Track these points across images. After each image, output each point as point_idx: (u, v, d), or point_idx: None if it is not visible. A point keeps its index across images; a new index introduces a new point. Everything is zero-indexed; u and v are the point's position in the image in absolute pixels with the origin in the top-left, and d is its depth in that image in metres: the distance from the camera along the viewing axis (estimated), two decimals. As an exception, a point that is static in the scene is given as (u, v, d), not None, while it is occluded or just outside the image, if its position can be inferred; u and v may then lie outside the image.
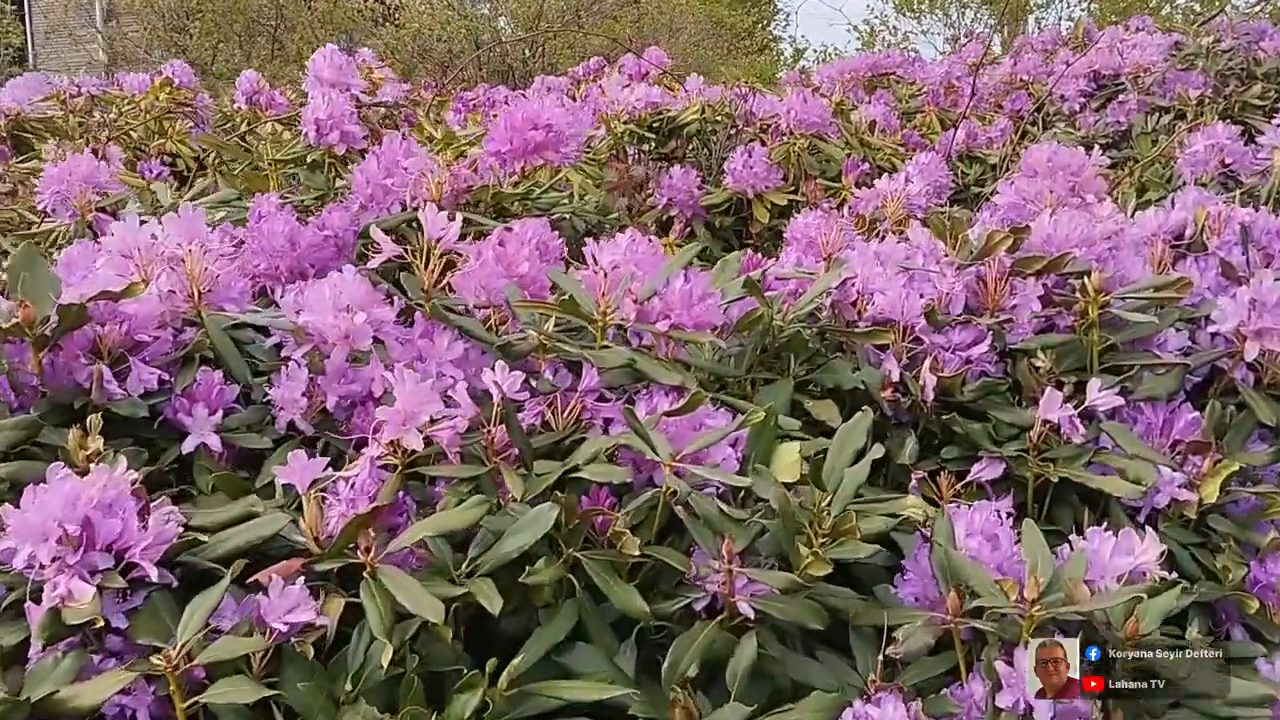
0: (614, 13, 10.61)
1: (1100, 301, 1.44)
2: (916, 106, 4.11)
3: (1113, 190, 2.14)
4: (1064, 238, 1.55)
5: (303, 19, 9.64)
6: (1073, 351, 1.48)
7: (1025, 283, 1.52)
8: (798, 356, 1.49)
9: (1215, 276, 1.58)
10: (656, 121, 3.08)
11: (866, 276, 1.53)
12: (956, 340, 1.49)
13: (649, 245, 1.55)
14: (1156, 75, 3.18)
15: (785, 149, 2.86)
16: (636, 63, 5.11)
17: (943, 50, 7.06)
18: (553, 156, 2.02)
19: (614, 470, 1.10)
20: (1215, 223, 1.83)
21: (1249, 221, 1.80)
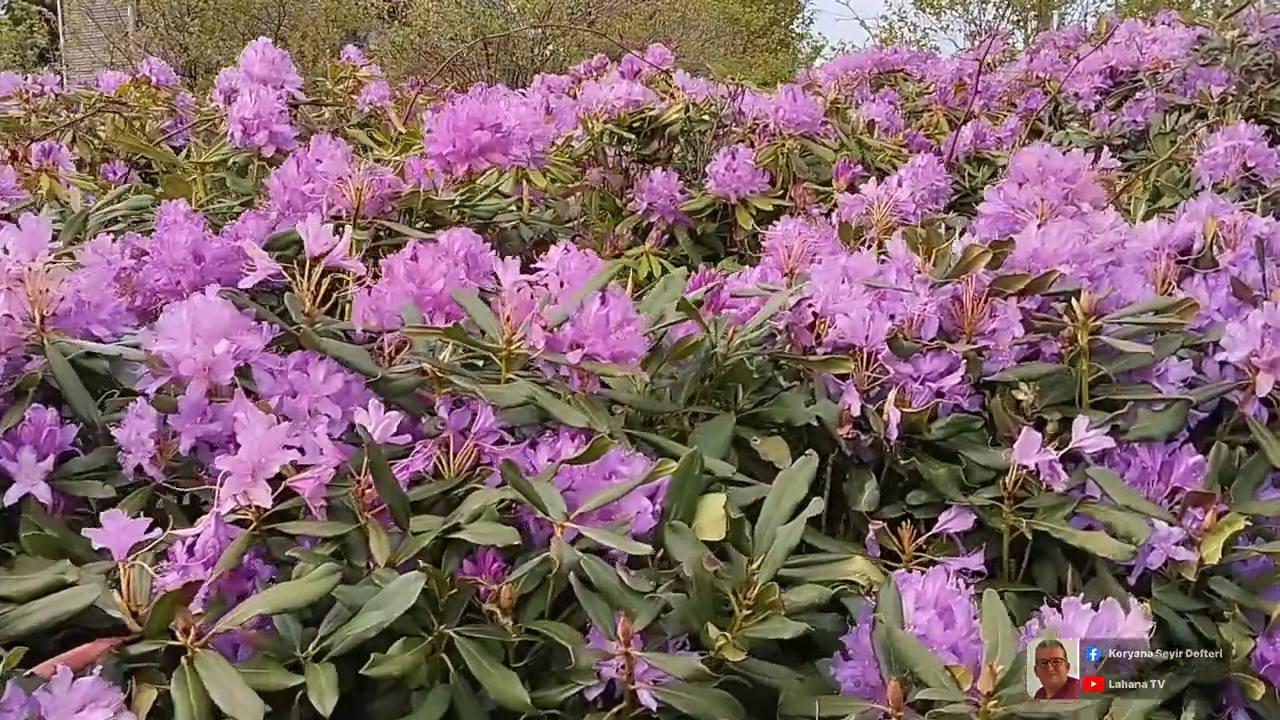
0: (627, 9, 10.47)
1: (1091, 326, 1.27)
2: (924, 105, 3.93)
3: (1120, 195, 1.96)
4: (1052, 253, 1.39)
5: (306, 16, 9.56)
6: (1060, 383, 1.32)
7: (1006, 304, 1.35)
8: (746, 388, 1.34)
9: (1226, 296, 1.41)
10: (637, 121, 2.93)
11: (827, 295, 1.37)
12: (927, 369, 1.33)
13: (581, 260, 1.40)
14: (1176, 71, 2.99)
15: (773, 150, 2.70)
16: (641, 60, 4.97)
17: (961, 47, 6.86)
18: (500, 159, 1.87)
19: (499, 531, 0.94)
20: (1229, 234, 1.66)
21: (1268, 233, 1.63)
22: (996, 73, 4.61)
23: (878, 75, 4.27)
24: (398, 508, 0.97)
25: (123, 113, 2.77)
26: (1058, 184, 1.53)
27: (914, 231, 1.47)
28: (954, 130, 3.64)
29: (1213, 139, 2.29)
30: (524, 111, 2.43)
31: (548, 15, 9.24)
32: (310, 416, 1.07)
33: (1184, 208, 1.80)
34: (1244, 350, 1.24)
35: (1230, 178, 2.25)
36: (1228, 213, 1.73)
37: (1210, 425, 1.35)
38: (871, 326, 1.35)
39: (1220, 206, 1.76)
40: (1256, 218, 1.67)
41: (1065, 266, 1.37)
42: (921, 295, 1.39)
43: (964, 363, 1.31)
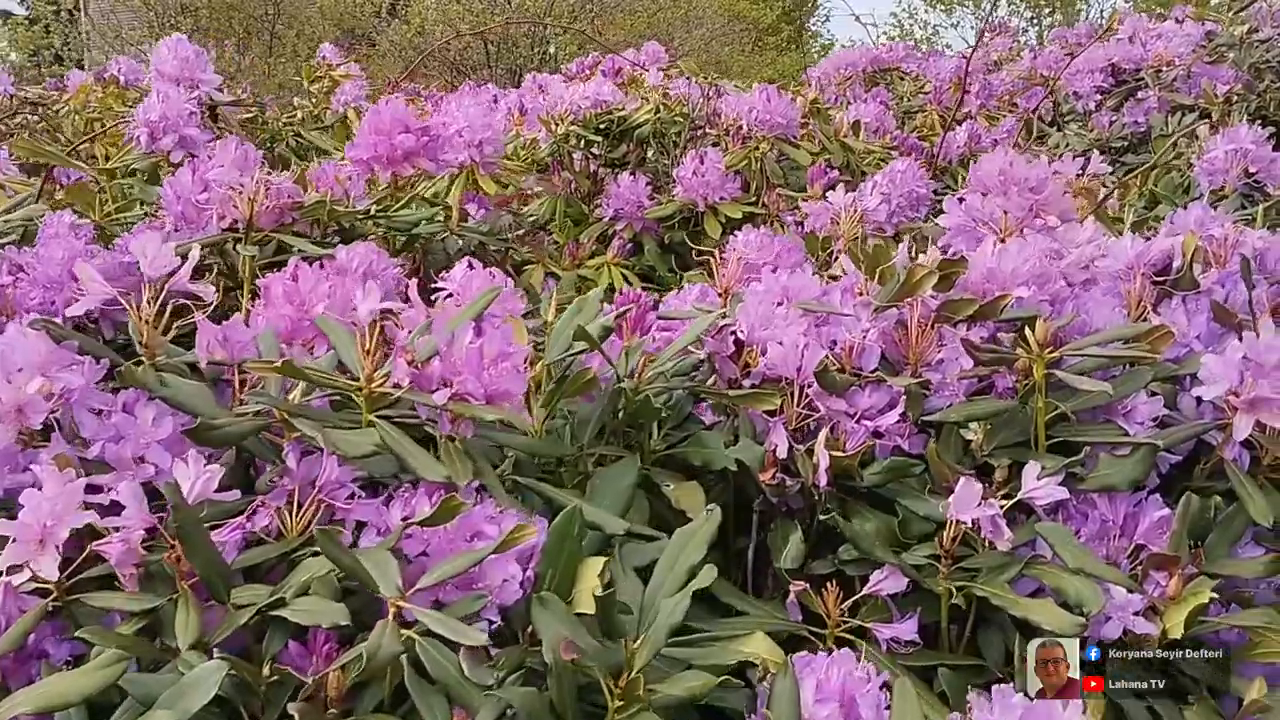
0: (630, 7, 10.33)
1: (1047, 358, 1.13)
2: (919, 105, 3.79)
3: (1102, 205, 1.82)
4: (1010, 273, 1.25)
5: (301, 14, 9.47)
6: (1012, 422, 1.18)
7: (956, 332, 1.22)
8: (662, 425, 1.21)
9: (1207, 322, 1.27)
10: (604, 123, 2.80)
11: (754, 320, 1.24)
12: (865, 405, 1.19)
13: (486, 279, 1.28)
14: (1180, 69, 2.84)
15: (745, 154, 2.56)
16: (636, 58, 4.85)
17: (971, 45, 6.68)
18: (428, 165, 1.75)
19: (327, 609, 0.82)
20: (1219, 250, 1.52)
21: (1261, 249, 1.49)
22: (1000, 71, 4.46)
23: (873, 74, 4.13)
24: (214, 577, 0.84)
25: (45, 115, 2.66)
26: (1021, 195, 1.39)
27: (857, 247, 1.33)
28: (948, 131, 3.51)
29: (1212, 143, 2.14)
30: (473, 113, 2.30)
31: (548, 14, 9.12)
32: (137, 465, 0.94)
33: (1171, 219, 1.66)
34: (1221, 386, 1.10)
35: (1231, 184, 2.10)
36: (1218, 225, 1.59)
37: (1187, 467, 1.21)
38: (805, 356, 1.21)
39: (1211, 218, 1.62)
40: (1249, 231, 1.53)
41: (1024, 289, 1.23)
42: (862, 320, 1.26)
43: (904, 398, 1.17)
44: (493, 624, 0.89)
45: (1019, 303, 1.23)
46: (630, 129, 2.80)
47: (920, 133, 3.65)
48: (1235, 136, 2.12)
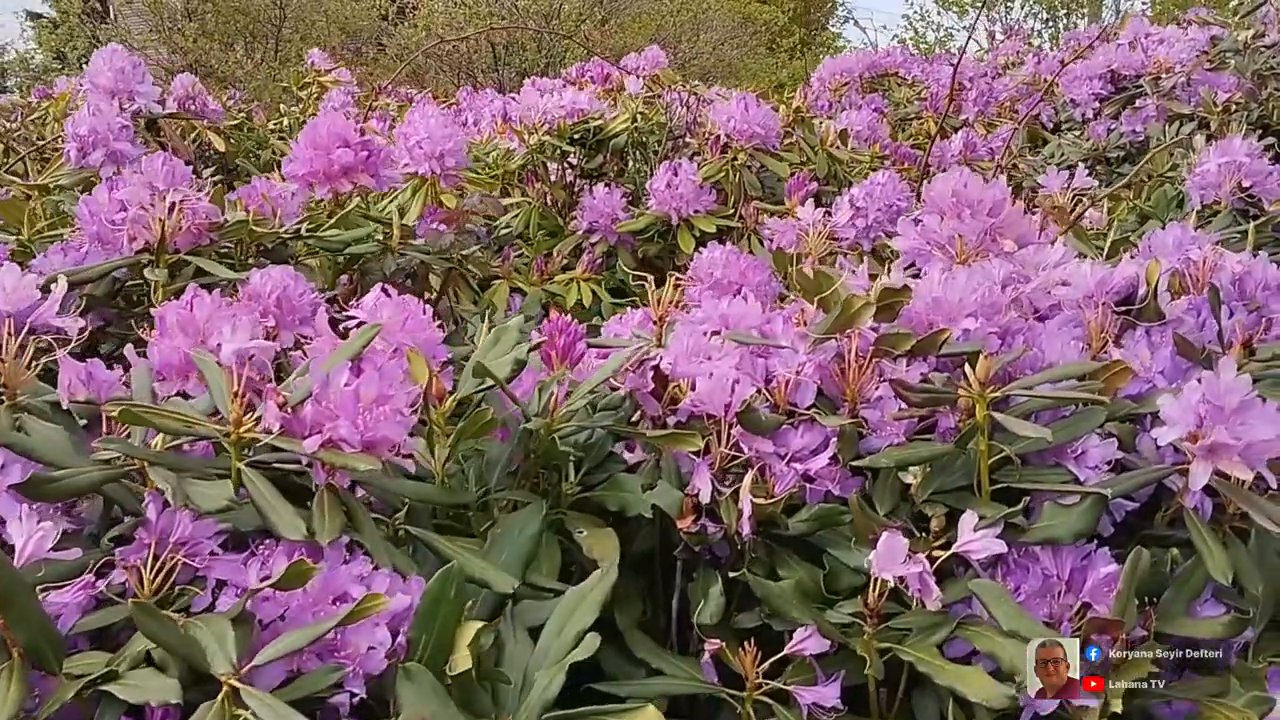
0: (637, 11, 10.27)
1: (989, 397, 1.05)
2: (915, 112, 3.71)
3: (1068, 222, 1.73)
4: (956, 303, 1.17)
5: (307, 19, 9.46)
6: (957, 466, 1.10)
7: (895, 368, 1.14)
8: (580, 467, 1.14)
9: (1171, 356, 1.19)
10: (580, 132, 2.73)
11: (678, 353, 1.16)
12: (797, 446, 1.12)
13: (398, 307, 1.21)
14: (1179, 76, 2.74)
15: (721, 164, 2.49)
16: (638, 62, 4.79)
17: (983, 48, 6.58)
18: (368, 181, 1.68)
19: (155, 685, 0.75)
20: (1197, 273, 1.44)
21: (1241, 272, 1.40)
22: (1004, 76, 4.37)
23: (871, 79, 4.04)
24: (42, 646, 0.77)
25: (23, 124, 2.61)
26: (977, 217, 1.31)
27: (804, 273, 1.26)
28: (942, 139, 3.43)
29: (1204, 155, 2.05)
30: (433, 124, 2.25)
31: (549, 19, 9.06)
32: (-18, 517, 0.88)
33: (1148, 240, 1.58)
34: (1177, 430, 1.02)
35: (1224, 199, 2.01)
36: (1198, 247, 1.51)
37: (1148, 513, 1.13)
38: (736, 392, 1.14)
39: (1191, 239, 1.54)
40: (1228, 254, 1.44)
41: (970, 320, 1.15)
42: (799, 353, 1.18)
43: (836, 439, 1.09)
44: (355, 696, 0.82)
45: (965, 335, 1.16)
46: (606, 139, 2.73)
47: (916, 140, 3.56)
48: (1229, 148, 2.02)
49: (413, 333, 1.19)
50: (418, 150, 2.22)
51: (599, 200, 2.58)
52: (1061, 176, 2.11)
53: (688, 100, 2.77)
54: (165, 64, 8.31)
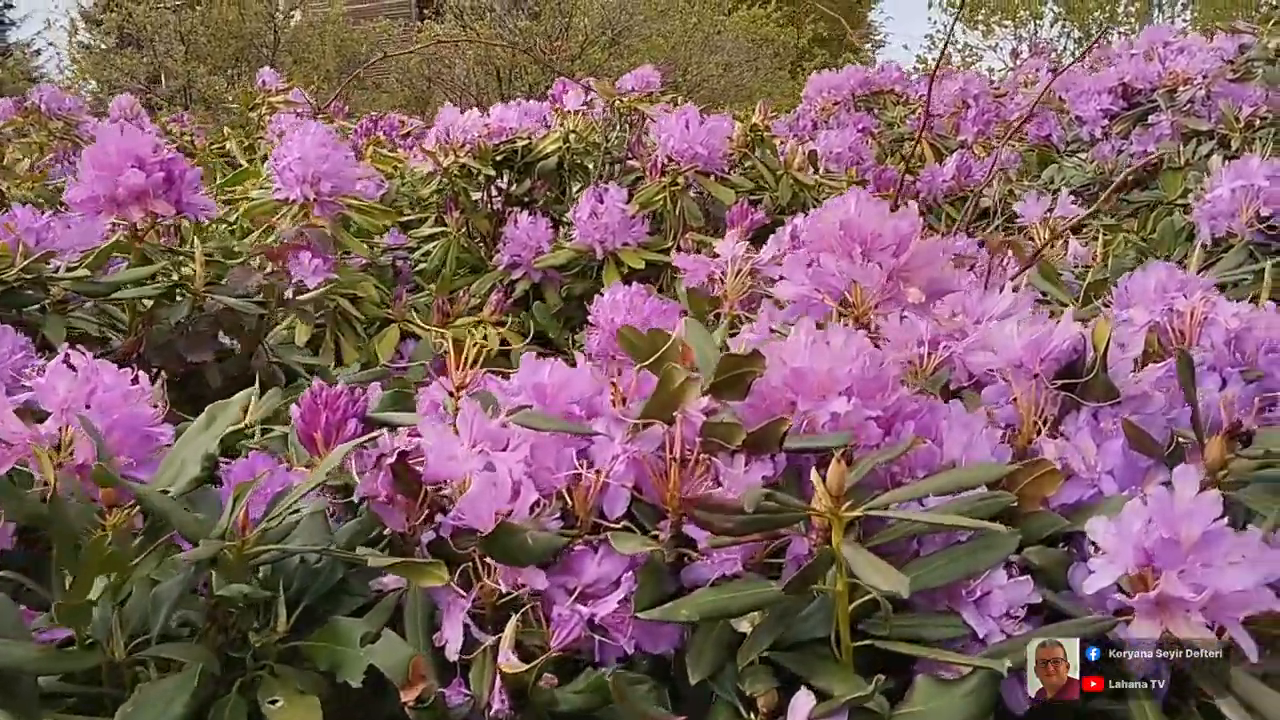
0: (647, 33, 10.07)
1: (844, 516, 0.75)
2: (909, 133, 3.42)
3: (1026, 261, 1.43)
4: (825, 376, 0.87)
5: (300, 42, 9.36)
6: (811, 613, 0.80)
7: (733, 464, 0.84)
8: (299, 602, 0.85)
9: (1124, 450, 0.88)
10: (505, 154, 2.46)
11: (441, 445, 0.87)
12: (591, 578, 0.82)
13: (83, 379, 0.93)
14: (1197, 89, 2.43)
15: (656, 190, 2.21)
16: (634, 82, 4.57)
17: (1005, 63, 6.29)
18: (164, 208, 1.42)
19: None
20: (1182, 329, 1.14)
21: (1239, 328, 1.10)
22: (1017, 95, 4.07)
23: (863, 97, 3.76)
24: None
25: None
26: (872, 257, 1.01)
27: (631, 332, 0.97)
28: (944, 161, 3.14)
29: (1216, 179, 1.74)
30: (308, 143, 1.99)
31: (559, 39, 8.89)
32: None
33: (1124, 285, 1.28)
34: (1113, 570, 0.72)
35: (1238, 230, 1.70)
36: (1187, 294, 1.21)
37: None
38: (521, 500, 0.85)
39: (1179, 282, 1.24)
40: (1224, 304, 1.14)
41: (841, 400, 0.86)
42: (615, 443, 0.89)
43: (633, 571, 0.80)
44: None
45: (833, 421, 0.86)
46: (534, 161, 2.47)
47: (909, 164, 3.26)
48: (1245, 170, 1.71)
49: (107, 410, 0.92)
50: (288, 173, 1.97)
51: (522, 231, 2.32)
52: (1043, 203, 1.81)
53: (631, 119, 2.49)
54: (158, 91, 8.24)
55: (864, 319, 1.03)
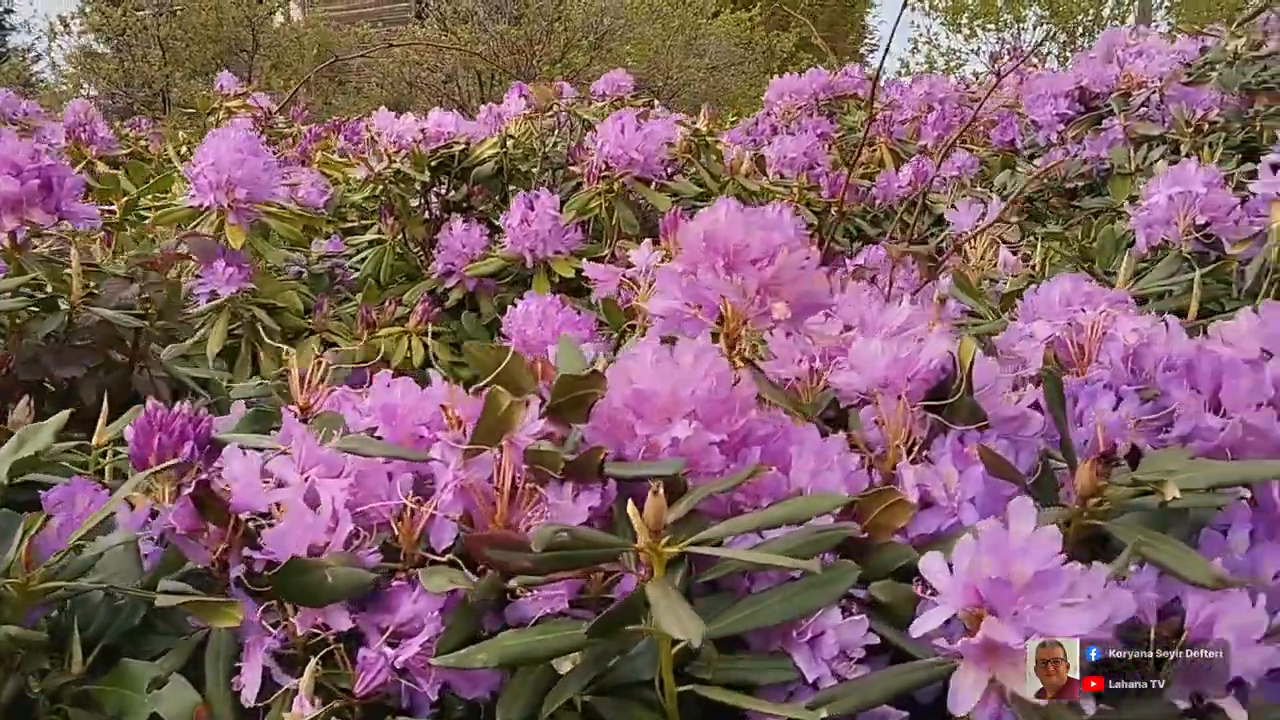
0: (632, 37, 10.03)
1: (664, 553, 0.70)
2: (869, 137, 3.36)
3: (929, 274, 1.37)
4: (669, 397, 0.82)
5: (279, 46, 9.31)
6: (636, 654, 0.74)
7: (560, 497, 0.79)
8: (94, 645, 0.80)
9: (984, 478, 0.83)
10: (441, 159, 2.41)
11: (246, 474, 0.82)
12: (404, 618, 0.77)
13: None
14: (1152, 92, 2.38)
15: (589, 197, 2.16)
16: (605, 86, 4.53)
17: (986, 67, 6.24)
18: (41, 217, 1.36)
19: None
20: (1084, 343, 1.09)
21: (1138, 344, 1.05)
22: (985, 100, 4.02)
23: (827, 101, 3.71)
24: None
25: None
26: (737, 270, 0.96)
27: (477, 349, 0.91)
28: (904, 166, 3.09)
29: (1153, 186, 1.69)
30: (223, 147, 1.94)
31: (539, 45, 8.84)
32: None
33: (1028, 299, 1.23)
34: (940, 614, 0.67)
35: (1175, 239, 1.65)
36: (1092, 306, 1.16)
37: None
38: (339, 531, 0.80)
39: (1086, 295, 1.19)
40: (1124, 319, 1.09)
41: (684, 424, 0.81)
42: (450, 469, 0.84)
43: (439, 614, 0.75)
44: None
45: (673, 446, 0.81)
46: (471, 167, 2.42)
47: (867, 169, 3.22)
48: (1182, 176, 1.66)
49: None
50: (202, 179, 1.92)
51: (456, 238, 2.27)
52: (975, 211, 1.76)
53: (573, 123, 2.44)
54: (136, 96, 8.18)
55: (734, 336, 0.97)
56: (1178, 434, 0.99)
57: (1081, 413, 1.02)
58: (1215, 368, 1.00)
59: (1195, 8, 8.95)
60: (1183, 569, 0.74)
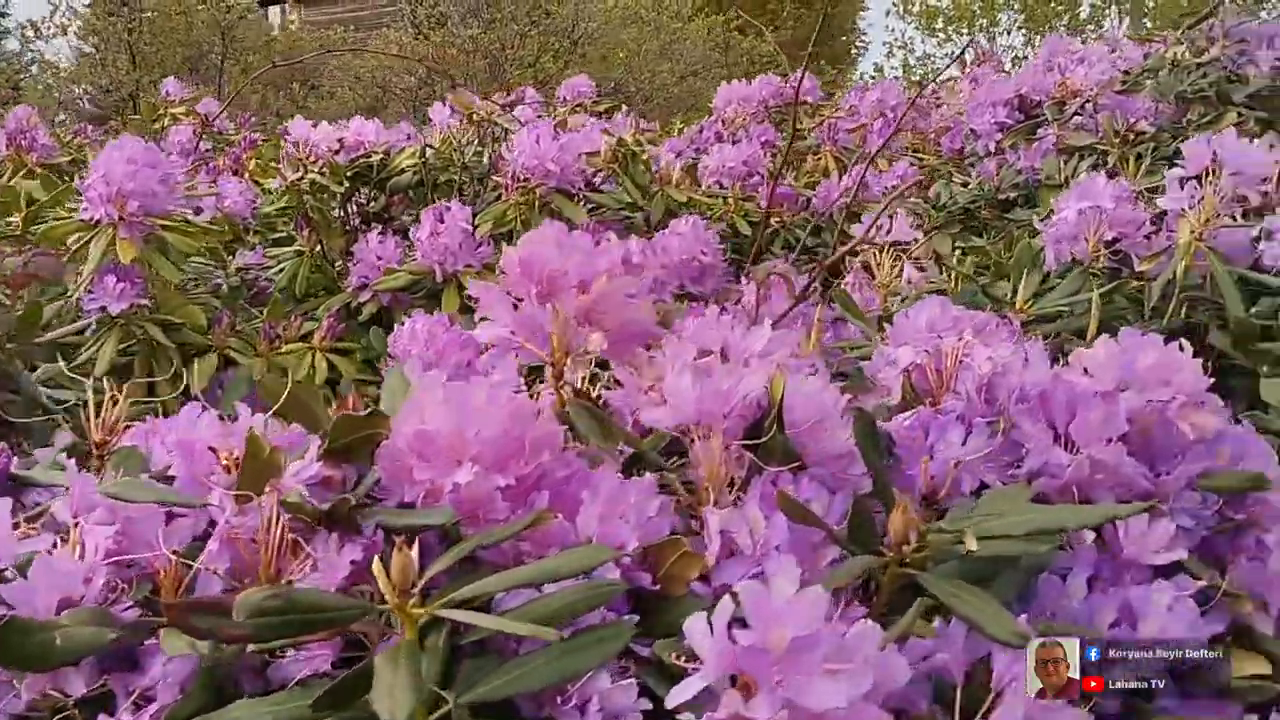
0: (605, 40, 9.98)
1: (414, 615, 0.65)
2: (813, 146, 3.32)
3: (794, 297, 1.32)
4: (453, 437, 0.77)
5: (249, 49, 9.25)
6: None
7: (328, 544, 0.74)
8: None
9: (788, 526, 0.78)
10: (358, 170, 2.36)
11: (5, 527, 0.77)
12: (149, 680, 0.72)
13: None
14: (1085, 100, 2.34)
15: (503, 209, 2.11)
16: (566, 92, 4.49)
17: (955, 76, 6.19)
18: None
19: None
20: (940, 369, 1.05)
21: (991, 372, 1.00)
22: (941, 106, 3.99)
23: (778, 108, 3.66)
24: None
25: None
26: (554, 296, 0.91)
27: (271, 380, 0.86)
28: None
29: (1064, 200, 1.65)
30: (115, 158, 1.89)
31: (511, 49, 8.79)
32: None
33: (899, 320, 1.18)
34: (695, 683, 0.62)
35: (1083, 255, 1.60)
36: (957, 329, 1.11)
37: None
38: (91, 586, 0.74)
39: (953, 319, 1.14)
40: (980, 346, 1.04)
41: (465, 469, 0.75)
42: (225, 514, 0.78)
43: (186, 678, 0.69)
44: None
45: (454, 492, 0.75)
46: (389, 177, 2.36)
47: (811, 178, 3.17)
48: (1090, 191, 1.62)
49: None
50: (91, 192, 1.87)
51: (370, 251, 2.22)
52: (881, 225, 1.71)
53: (494, 133, 2.39)
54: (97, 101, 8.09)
55: (560, 367, 0.92)
56: (1027, 470, 0.95)
57: (932, 446, 0.98)
58: (1070, 399, 0.96)
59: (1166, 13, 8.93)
60: (987, 625, 0.70)
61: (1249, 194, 1.45)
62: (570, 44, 9.57)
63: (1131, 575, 0.88)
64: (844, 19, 20.24)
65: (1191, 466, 0.95)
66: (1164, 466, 0.96)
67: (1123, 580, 0.88)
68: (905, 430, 0.99)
